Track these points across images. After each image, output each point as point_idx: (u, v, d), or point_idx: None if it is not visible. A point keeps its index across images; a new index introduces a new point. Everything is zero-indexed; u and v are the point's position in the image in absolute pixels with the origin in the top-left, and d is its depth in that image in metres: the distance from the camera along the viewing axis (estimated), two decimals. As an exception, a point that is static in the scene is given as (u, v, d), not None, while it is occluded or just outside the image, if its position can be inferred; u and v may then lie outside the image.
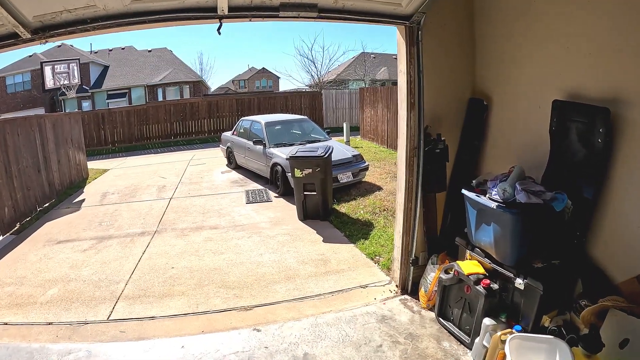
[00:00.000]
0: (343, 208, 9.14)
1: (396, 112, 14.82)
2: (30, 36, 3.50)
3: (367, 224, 8.09)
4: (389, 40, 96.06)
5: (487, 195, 4.00)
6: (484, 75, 5.04)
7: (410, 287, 5.37)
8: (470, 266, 4.23)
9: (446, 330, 4.46)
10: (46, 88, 21.36)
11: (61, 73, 20.91)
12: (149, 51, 45.04)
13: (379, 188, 10.64)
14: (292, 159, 8.26)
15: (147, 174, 14.45)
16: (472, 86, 5.18)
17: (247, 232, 7.95)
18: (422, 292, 5.06)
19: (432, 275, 4.90)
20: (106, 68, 40.96)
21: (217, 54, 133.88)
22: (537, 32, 4.15)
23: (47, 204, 10.69)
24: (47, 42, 3.69)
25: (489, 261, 4.10)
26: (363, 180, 11.11)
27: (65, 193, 11.99)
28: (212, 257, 6.80)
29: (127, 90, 38.98)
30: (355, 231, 7.71)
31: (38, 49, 34.12)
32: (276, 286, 5.74)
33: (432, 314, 4.77)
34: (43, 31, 3.54)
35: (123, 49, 45.10)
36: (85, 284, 6.00)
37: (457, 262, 4.42)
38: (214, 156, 16.84)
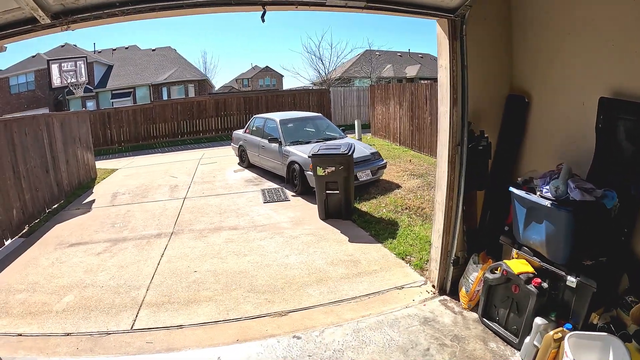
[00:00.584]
0: (364, 207, 8.83)
1: (409, 109, 14.70)
2: (50, 21, 3.20)
3: (392, 222, 7.79)
4: (395, 38, 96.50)
5: (538, 193, 3.90)
6: (522, 71, 4.83)
7: (449, 288, 5.14)
8: (518, 265, 4.10)
9: (491, 330, 4.30)
10: (53, 86, 21.11)
11: (68, 71, 20.68)
12: (153, 50, 44.93)
13: (398, 186, 10.32)
14: (315, 156, 7.95)
15: (157, 173, 14.13)
16: (510, 82, 4.95)
17: (269, 232, 7.64)
18: (462, 292, 4.88)
19: (475, 275, 4.71)
20: (110, 67, 40.86)
21: (221, 53, 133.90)
22: (582, 28, 4.00)
23: (55, 205, 10.39)
24: (68, 28, 3.38)
25: (538, 260, 3.98)
26: (381, 178, 10.80)
27: (74, 194, 11.69)
28: (236, 260, 6.47)
29: (131, 90, 38.87)
30: (380, 230, 7.40)
31: (42, 48, 34.01)
32: (308, 289, 5.42)
33: (475, 315, 4.61)
34: (65, 15, 3.23)
35: (127, 48, 45.08)
36: (103, 290, 5.68)
37: (505, 261, 4.27)
38: (224, 155, 16.53)
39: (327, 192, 8.05)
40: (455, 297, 5.00)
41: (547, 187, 3.77)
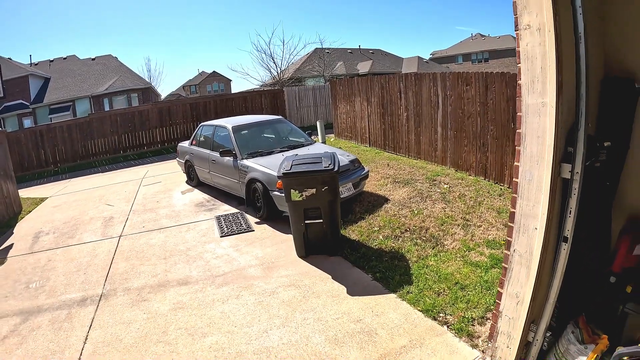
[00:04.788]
0: (354, 233, 6.91)
1: (380, 105, 12.61)
2: None
3: (396, 255, 5.94)
4: (347, 34, 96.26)
5: None
6: (624, 40, 2.99)
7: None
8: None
9: None
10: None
11: (-20, 86, 17.75)
12: (93, 59, 43.70)
13: (385, 199, 8.47)
14: (288, 176, 5.85)
15: (92, 200, 11.76)
16: (604, 59, 3.11)
17: (233, 286, 5.59)
18: (556, 385, 3.08)
19: (581, 360, 2.94)
20: (47, 80, 38.87)
21: (166, 59, 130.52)
22: None
23: (-35, 256, 8.09)
24: None
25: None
26: (363, 190, 8.90)
27: (-10, 237, 9.32)
28: (191, 346, 4.36)
29: (71, 103, 36.72)
30: (385, 270, 5.52)
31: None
32: (312, 407, 3.41)
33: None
34: None
35: (65, 58, 43.82)
36: None
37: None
38: (171, 171, 14.32)
39: (307, 222, 6.07)
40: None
41: None
